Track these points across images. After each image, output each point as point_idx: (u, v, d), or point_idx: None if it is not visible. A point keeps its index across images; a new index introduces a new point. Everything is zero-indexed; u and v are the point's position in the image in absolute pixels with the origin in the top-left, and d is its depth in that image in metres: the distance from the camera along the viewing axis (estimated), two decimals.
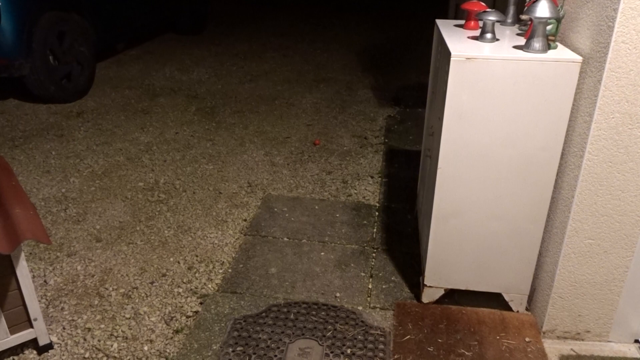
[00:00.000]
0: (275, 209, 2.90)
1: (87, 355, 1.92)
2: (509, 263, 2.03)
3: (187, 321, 2.09)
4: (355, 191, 3.12)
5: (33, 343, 1.92)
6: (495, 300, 2.12)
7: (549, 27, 1.78)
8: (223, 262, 2.46)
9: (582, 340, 1.99)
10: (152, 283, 2.31)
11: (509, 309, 2.11)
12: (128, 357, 1.91)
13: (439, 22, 2.32)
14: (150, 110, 4.36)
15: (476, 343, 1.96)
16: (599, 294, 1.91)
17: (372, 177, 3.29)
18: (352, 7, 9.64)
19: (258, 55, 6.24)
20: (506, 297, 2.10)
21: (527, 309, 2.12)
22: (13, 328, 1.83)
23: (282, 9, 9.35)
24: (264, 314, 2.10)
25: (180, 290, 2.27)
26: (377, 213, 2.89)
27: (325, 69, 5.71)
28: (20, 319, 1.84)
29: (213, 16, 7.94)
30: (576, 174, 1.76)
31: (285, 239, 2.63)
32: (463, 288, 2.13)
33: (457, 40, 1.94)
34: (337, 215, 2.86)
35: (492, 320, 2.07)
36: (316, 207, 2.93)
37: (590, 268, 1.87)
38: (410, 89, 5.05)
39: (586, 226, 1.80)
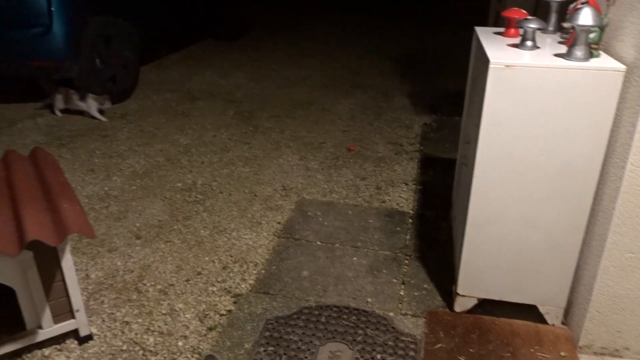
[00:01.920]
0: (309, 213, 2.93)
1: (124, 347, 1.99)
2: (545, 274, 1.99)
3: (220, 319, 2.14)
4: (389, 197, 3.12)
5: (74, 334, 2.00)
6: (530, 312, 2.09)
7: (591, 35, 1.75)
8: (257, 263, 2.50)
9: (621, 357, 1.94)
10: (187, 281, 2.37)
11: (544, 321, 2.07)
12: (163, 352, 1.97)
13: (478, 29, 2.31)
14: (189, 113, 4.48)
15: (509, 355, 1.93)
16: (639, 309, 1.85)
17: (406, 184, 3.29)
18: (390, 14, 9.63)
19: (295, 61, 6.32)
20: (541, 310, 2.06)
21: (563, 323, 2.08)
22: (57, 318, 1.91)
23: (320, 15, 9.43)
24: (295, 316, 2.13)
25: (215, 289, 2.32)
26: (410, 220, 2.88)
27: (362, 76, 5.73)
28: (64, 310, 1.92)
29: (253, 22, 8.08)
30: (617, 185, 1.72)
31: (318, 242, 2.66)
32: (497, 298, 2.10)
33: (496, 47, 1.93)
34: (370, 221, 2.86)
35: (526, 332, 2.03)
36: (349, 212, 2.94)
37: (631, 283, 1.82)
38: (448, 96, 5.01)
39: (627, 239, 1.76)
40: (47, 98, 4.29)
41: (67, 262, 1.84)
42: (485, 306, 2.15)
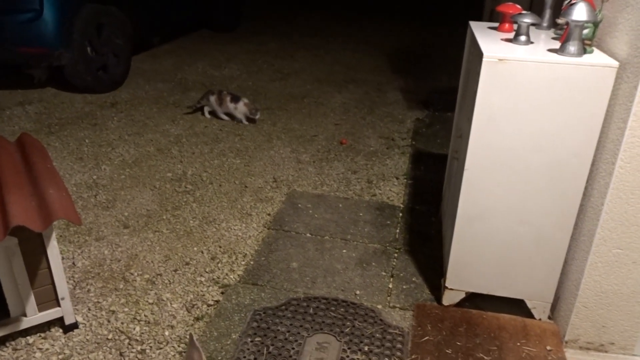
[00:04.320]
0: (300, 205, 2.92)
1: (110, 336, 1.97)
2: (533, 269, 2.00)
3: (208, 309, 2.12)
4: (380, 191, 3.12)
5: (59, 322, 1.98)
6: (518, 306, 2.09)
7: (585, 31, 1.75)
8: (246, 254, 2.49)
9: (606, 352, 1.95)
10: (175, 271, 2.35)
11: (531, 316, 2.08)
12: (149, 341, 1.96)
13: (472, 24, 2.30)
14: (181, 103, 4.44)
15: (496, 348, 1.93)
16: (625, 305, 1.86)
17: (397, 179, 3.28)
18: (386, 10, 9.61)
19: (289, 54, 6.29)
20: (529, 304, 2.07)
21: (549, 318, 2.09)
22: (41, 306, 1.89)
23: (315, 9, 9.39)
24: (283, 307, 2.12)
25: (203, 279, 2.31)
26: (400, 214, 2.88)
27: (356, 70, 5.71)
28: (49, 298, 1.90)
29: (247, 14, 8.03)
30: (607, 181, 1.72)
31: (308, 234, 2.65)
32: (485, 292, 2.10)
33: (490, 41, 1.93)
34: (361, 214, 2.86)
35: (513, 326, 2.04)
36: (340, 205, 2.94)
37: (618, 278, 1.82)
38: (441, 92, 5.01)
39: (615, 235, 1.76)
40: (202, 100, 4.10)
41: (53, 249, 1.82)
42: (474, 300, 2.15)
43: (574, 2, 1.72)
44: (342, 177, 3.28)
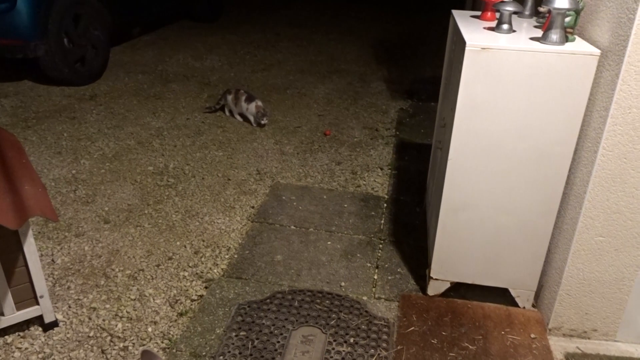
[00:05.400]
0: (284, 197, 2.89)
1: (91, 334, 1.94)
2: (517, 258, 2.00)
3: (191, 304, 2.10)
4: (364, 182, 3.11)
5: (39, 320, 1.93)
6: (502, 295, 2.10)
7: (567, 19, 1.75)
8: (229, 247, 2.46)
9: (589, 338, 1.97)
10: (158, 266, 2.31)
11: (515, 304, 2.09)
12: (132, 338, 1.92)
13: (455, 12, 2.29)
14: (162, 95, 4.37)
15: (481, 337, 1.94)
16: (607, 292, 1.88)
17: (381, 169, 3.27)
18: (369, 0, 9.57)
19: (272, 44, 6.22)
20: (513, 293, 2.08)
21: (533, 306, 2.10)
22: (19, 304, 1.85)
23: None
24: (268, 300, 2.10)
25: (186, 274, 2.27)
26: (385, 205, 2.87)
27: (339, 60, 5.68)
28: (27, 296, 1.85)
29: (228, 4, 7.93)
30: (589, 169, 1.73)
31: (292, 227, 2.63)
32: (469, 282, 2.11)
33: (472, 30, 1.91)
34: (345, 205, 2.84)
35: (497, 315, 2.05)
36: (324, 197, 2.92)
37: (600, 266, 1.84)
38: (424, 82, 5.01)
39: (597, 223, 1.77)
40: (221, 99, 3.99)
41: (30, 247, 1.77)
42: (458, 290, 2.15)
43: None
44: (326, 168, 3.26)
